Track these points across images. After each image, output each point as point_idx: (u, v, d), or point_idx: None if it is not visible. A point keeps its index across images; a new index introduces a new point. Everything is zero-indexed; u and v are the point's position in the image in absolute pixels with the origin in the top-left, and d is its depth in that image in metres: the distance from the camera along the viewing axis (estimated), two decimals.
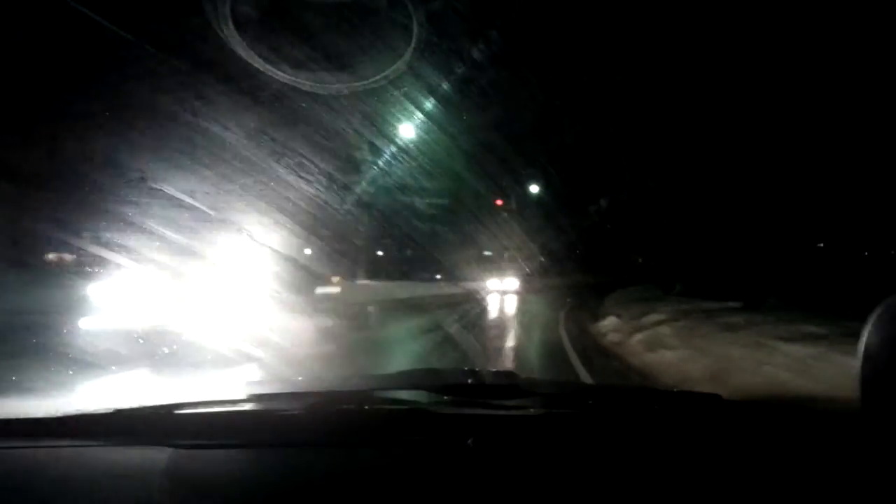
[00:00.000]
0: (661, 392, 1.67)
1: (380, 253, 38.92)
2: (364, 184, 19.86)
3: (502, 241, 33.91)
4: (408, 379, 1.28)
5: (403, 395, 1.18)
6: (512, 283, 28.42)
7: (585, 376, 4.70)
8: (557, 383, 2.01)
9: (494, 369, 2.30)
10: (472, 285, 20.16)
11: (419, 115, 15.61)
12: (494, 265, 36.77)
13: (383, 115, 16.42)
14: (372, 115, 16.16)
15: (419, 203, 21.18)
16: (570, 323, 9.42)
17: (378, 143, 17.35)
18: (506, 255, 36.31)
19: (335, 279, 25.61)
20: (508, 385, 1.22)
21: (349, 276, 26.66)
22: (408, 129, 16.42)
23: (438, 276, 32.51)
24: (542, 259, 37.18)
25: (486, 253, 36.41)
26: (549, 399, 1.20)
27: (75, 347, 4.19)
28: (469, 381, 1.23)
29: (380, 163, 18.44)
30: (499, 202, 30.87)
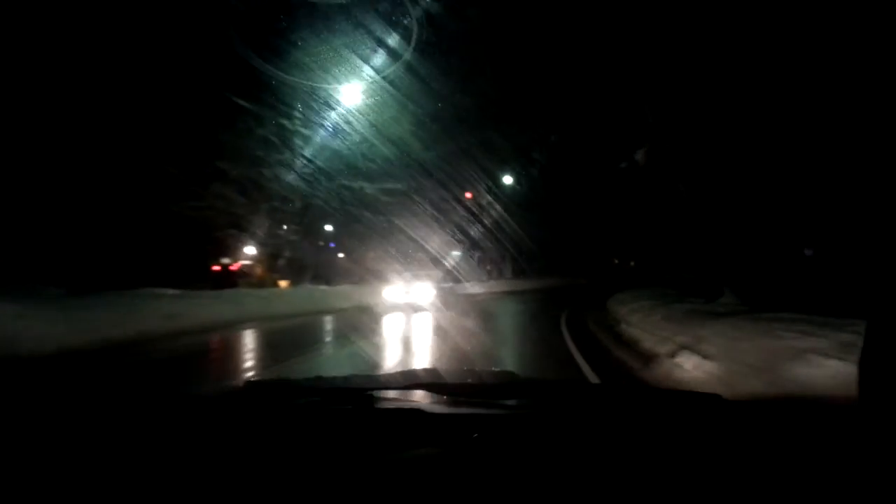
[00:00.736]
0: (661, 391, 1.79)
1: (340, 255, 34.65)
2: (317, 173, 15.67)
3: (473, 240, 29.77)
4: (408, 379, 1.27)
5: (404, 394, 1.15)
6: (488, 285, 24.83)
7: None
8: (558, 383, 1.76)
9: (495, 369, 2.27)
10: (438, 291, 16.01)
11: (402, 105, 11.72)
12: (466, 266, 32.68)
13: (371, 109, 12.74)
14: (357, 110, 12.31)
15: (376, 192, 16.88)
16: (601, 363, 5.12)
17: (340, 131, 13.25)
18: (477, 256, 32.27)
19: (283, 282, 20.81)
20: (508, 384, 1.28)
21: (297, 277, 22.00)
22: (386, 121, 12.74)
23: (403, 279, 28.21)
24: (517, 259, 33.29)
25: (455, 253, 32.25)
26: (550, 398, 1.18)
27: None
28: (469, 380, 1.29)
29: (336, 151, 14.29)
30: (468, 195, 26.83)
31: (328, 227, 29.54)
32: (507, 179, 26.13)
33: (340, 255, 36.10)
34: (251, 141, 13.89)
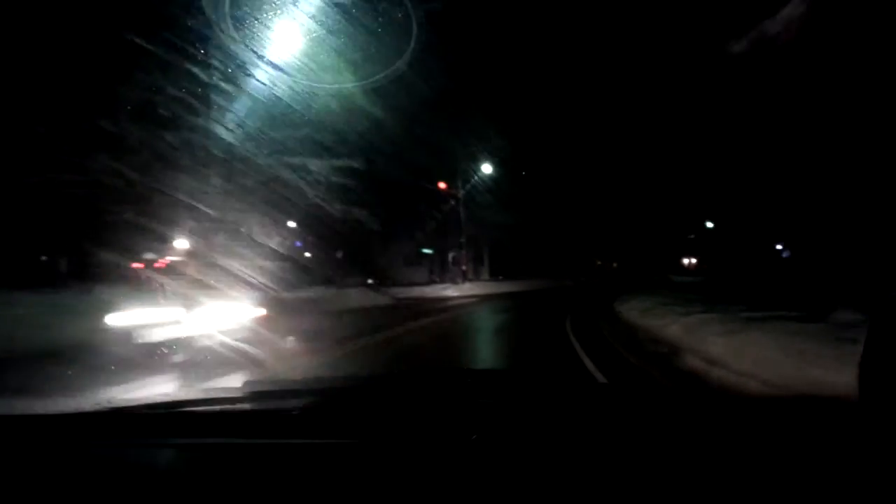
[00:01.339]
0: (665, 390, 1.68)
1: (307, 254, 31.17)
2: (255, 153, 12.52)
3: (446, 237, 26.65)
4: (409, 378, 1.32)
5: (405, 393, 1.12)
6: (463, 288, 21.69)
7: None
8: (561, 381, 1.67)
9: (496, 369, 2.18)
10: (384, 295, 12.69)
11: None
12: (438, 266, 29.50)
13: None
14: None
15: (326, 172, 13.67)
16: None
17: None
18: (451, 255, 29.16)
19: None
20: (510, 383, 1.28)
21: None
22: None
23: (371, 281, 25.09)
24: (495, 259, 30.34)
25: (426, 251, 29.08)
26: (552, 397, 1.14)
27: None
28: (470, 380, 1.29)
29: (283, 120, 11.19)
30: (442, 185, 23.76)
31: (291, 224, 26.15)
32: (487, 169, 23.12)
33: (307, 254, 32.62)
34: (163, 99, 10.58)
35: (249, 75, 9.97)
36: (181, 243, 17.33)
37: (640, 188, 34.58)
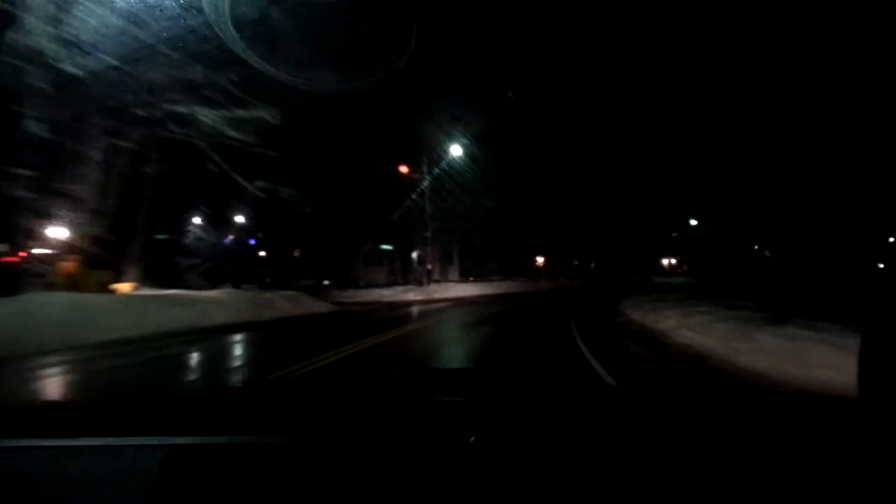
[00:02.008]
0: (668, 390, 1.64)
1: (262, 253, 27.20)
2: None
3: (408, 231, 23.03)
4: (408, 378, 1.22)
5: (404, 393, 1.07)
6: (427, 290, 18.06)
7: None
8: (562, 381, 1.59)
9: (497, 368, 2.03)
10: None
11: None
12: (400, 265, 25.88)
13: None
14: None
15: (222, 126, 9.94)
16: None
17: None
18: (417, 253, 25.54)
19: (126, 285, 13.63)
20: (511, 383, 1.21)
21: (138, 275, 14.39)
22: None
23: (327, 282, 21.35)
24: (464, 258, 26.91)
25: (386, 247, 25.39)
26: (554, 397, 1.09)
27: None
28: (470, 379, 1.23)
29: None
30: (404, 169, 20.19)
31: (240, 218, 22.17)
32: (457, 155, 19.58)
33: (262, 252, 28.64)
34: None
35: None
36: (58, 232, 13.05)
37: (620, 185, 31.97)
